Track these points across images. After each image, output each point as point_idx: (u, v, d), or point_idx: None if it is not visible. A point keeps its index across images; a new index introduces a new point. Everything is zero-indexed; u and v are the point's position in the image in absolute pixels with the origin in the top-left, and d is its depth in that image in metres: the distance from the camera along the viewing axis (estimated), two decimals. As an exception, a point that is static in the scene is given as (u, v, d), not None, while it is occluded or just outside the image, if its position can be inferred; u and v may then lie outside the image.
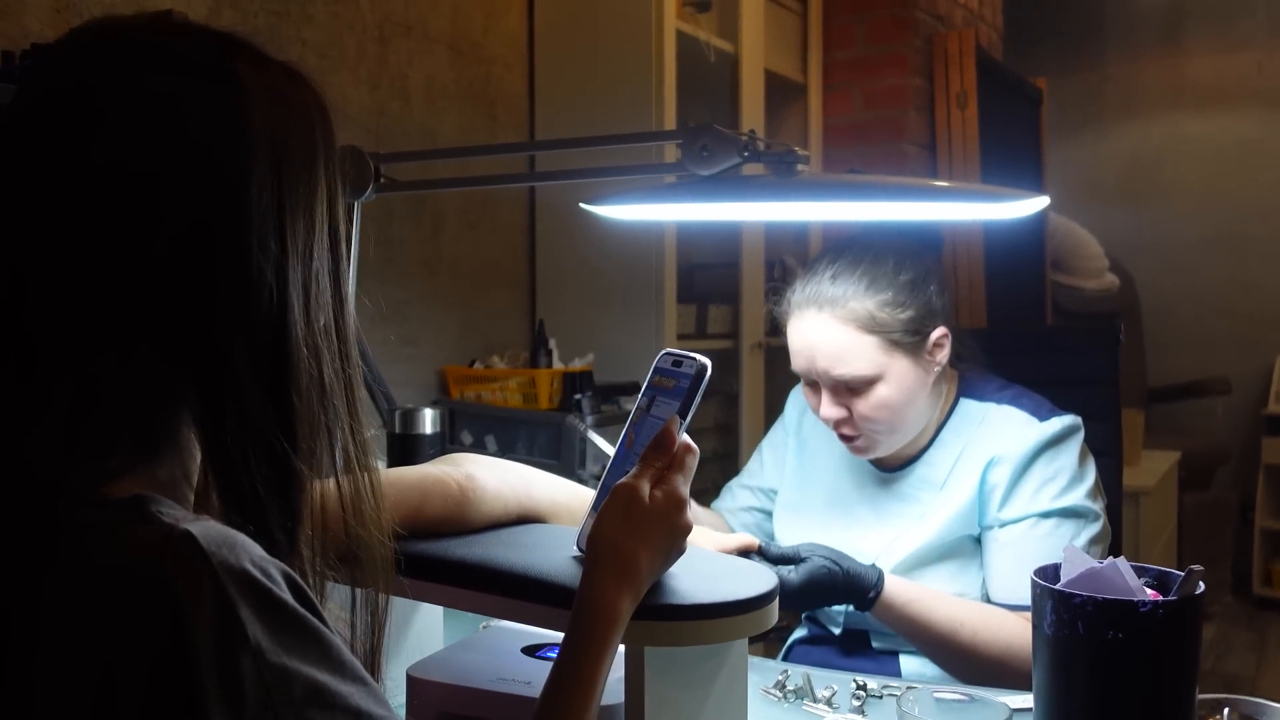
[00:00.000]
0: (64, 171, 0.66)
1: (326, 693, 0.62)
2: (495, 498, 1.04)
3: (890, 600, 1.34)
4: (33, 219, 0.66)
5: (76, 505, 0.63)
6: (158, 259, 0.66)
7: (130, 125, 0.66)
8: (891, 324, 1.40)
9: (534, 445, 2.22)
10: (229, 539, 0.61)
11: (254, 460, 0.68)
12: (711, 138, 1.23)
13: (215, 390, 0.68)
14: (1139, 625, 0.83)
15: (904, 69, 3.18)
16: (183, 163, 0.66)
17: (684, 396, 0.90)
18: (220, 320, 0.67)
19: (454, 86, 2.40)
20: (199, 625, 0.58)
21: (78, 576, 0.60)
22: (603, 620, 0.80)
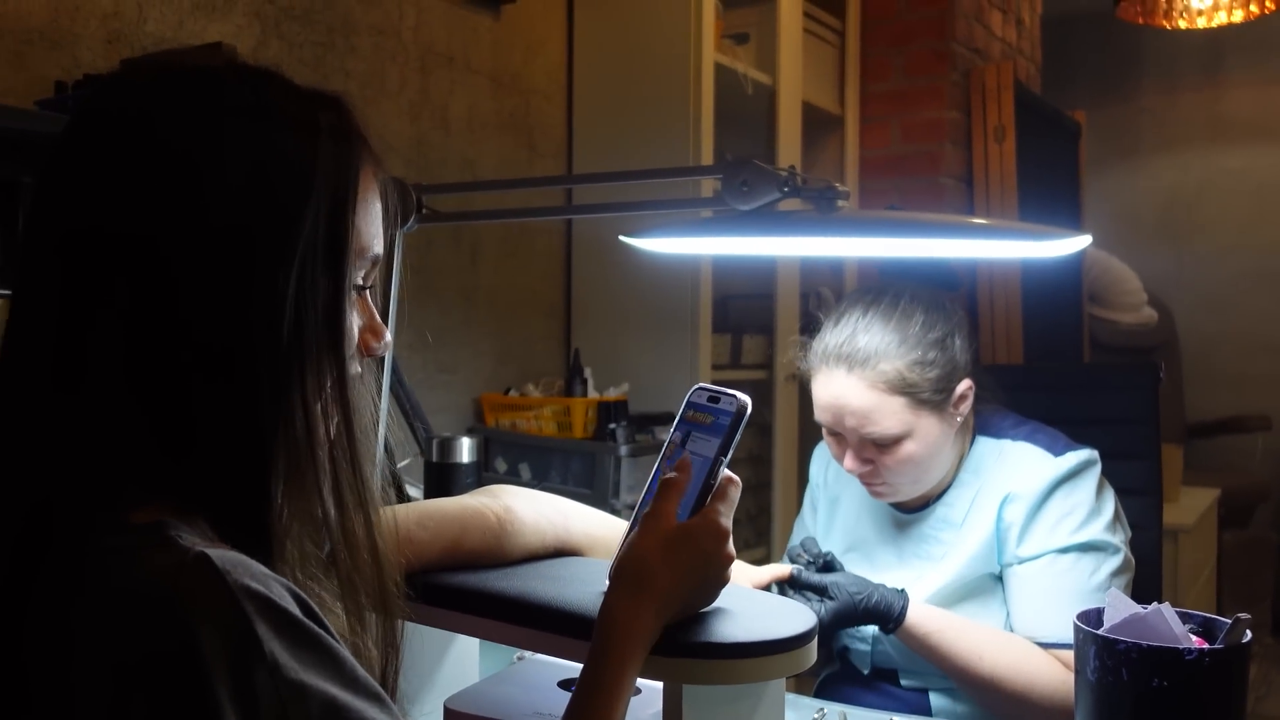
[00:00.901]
0: (121, 196, 0.67)
1: (342, 708, 0.62)
2: (533, 530, 1.05)
3: (912, 629, 1.35)
4: (90, 240, 0.67)
5: (102, 531, 0.64)
6: (203, 287, 0.67)
7: (186, 157, 0.67)
8: (920, 384, 1.40)
9: (568, 474, 2.23)
10: (241, 561, 0.62)
11: (231, 480, 0.68)
12: (751, 173, 1.23)
13: (219, 408, 0.68)
14: (1185, 673, 0.82)
15: (941, 102, 3.18)
16: (235, 190, 0.68)
17: (724, 434, 0.90)
18: (249, 344, 0.68)
19: (494, 117, 2.43)
20: (213, 642, 0.58)
21: (98, 601, 0.61)
22: (620, 636, 0.80)
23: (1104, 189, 4.58)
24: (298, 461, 0.70)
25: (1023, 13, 3.78)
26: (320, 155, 0.71)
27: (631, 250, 1.45)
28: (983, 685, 1.35)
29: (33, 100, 1.55)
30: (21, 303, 0.69)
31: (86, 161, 0.68)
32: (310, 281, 0.69)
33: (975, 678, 1.35)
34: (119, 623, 0.60)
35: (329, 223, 0.71)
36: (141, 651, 0.59)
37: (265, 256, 0.68)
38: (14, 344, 0.69)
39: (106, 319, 0.66)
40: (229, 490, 0.68)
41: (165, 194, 0.67)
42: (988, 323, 3.16)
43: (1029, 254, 1.16)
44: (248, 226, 0.68)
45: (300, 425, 0.70)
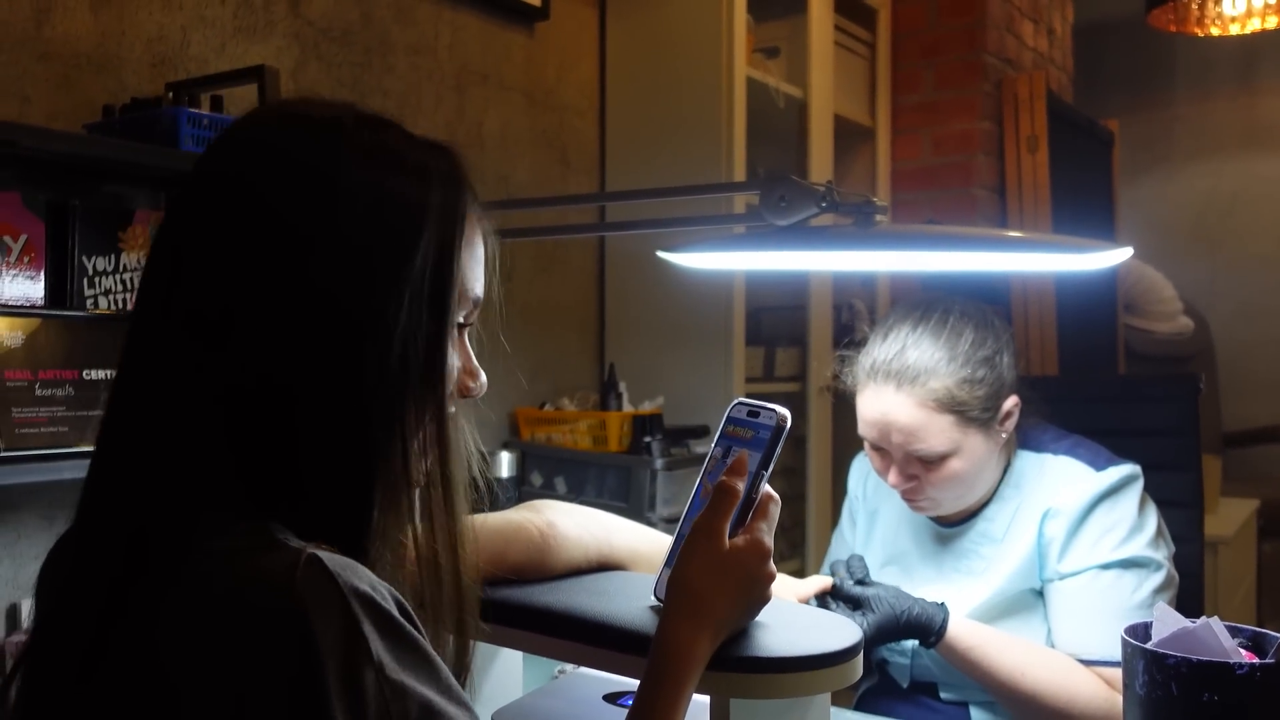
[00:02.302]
0: (247, 226, 0.70)
1: (437, 712, 0.64)
2: (576, 544, 1.06)
3: (954, 642, 1.35)
4: (214, 270, 0.70)
5: (207, 534, 0.66)
6: (318, 320, 0.70)
7: (310, 196, 0.71)
8: (969, 402, 1.39)
9: (603, 487, 2.24)
10: (349, 563, 0.64)
11: (334, 508, 0.71)
12: (789, 188, 1.24)
13: (327, 440, 0.70)
14: (1235, 688, 0.82)
15: (973, 113, 3.18)
16: (353, 227, 0.71)
17: (765, 448, 0.91)
18: (359, 376, 0.70)
19: (528, 134, 2.45)
20: (327, 641, 0.60)
21: (205, 602, 0.63)
22: (678, 661, 0.81)
23: (1138, 198, 4.54)
24: (395, 494, 0.73)
25: (1054, 22, 3.77)
26: (431, 198, 0.74)
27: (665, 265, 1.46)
28: (1024, 701, 1.35)
29: (81, 124, 1.58)
30: (141, 333, 0.73)
31: (218, 195, 0.72)
32: (417, 319, 0.72)
33: (1017, 694, 1.35)
34: (233, 618, 0.62)
35: (436, 264, 0.74)
36: (258, 646, 0.60)
37: (378, 292, 0.71)
38: (131, 370, 0.72)
39: (230, 345, 0.69)
40: (332, 517, 0.70)
41: (291, 228, 0.70)
42: (1022, 333, 3.15)
43: (1070, 268, 1.16)
44: (363, 263, 0.71)
45: (399, 459, 0.73)
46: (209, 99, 1.63)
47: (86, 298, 1.54)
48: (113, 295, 1.58)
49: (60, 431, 1.43)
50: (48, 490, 1.56)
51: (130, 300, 1.60)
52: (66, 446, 1.42)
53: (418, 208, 0.73)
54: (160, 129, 1.51)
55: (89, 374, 1.48)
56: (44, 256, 1.51)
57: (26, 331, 1.43)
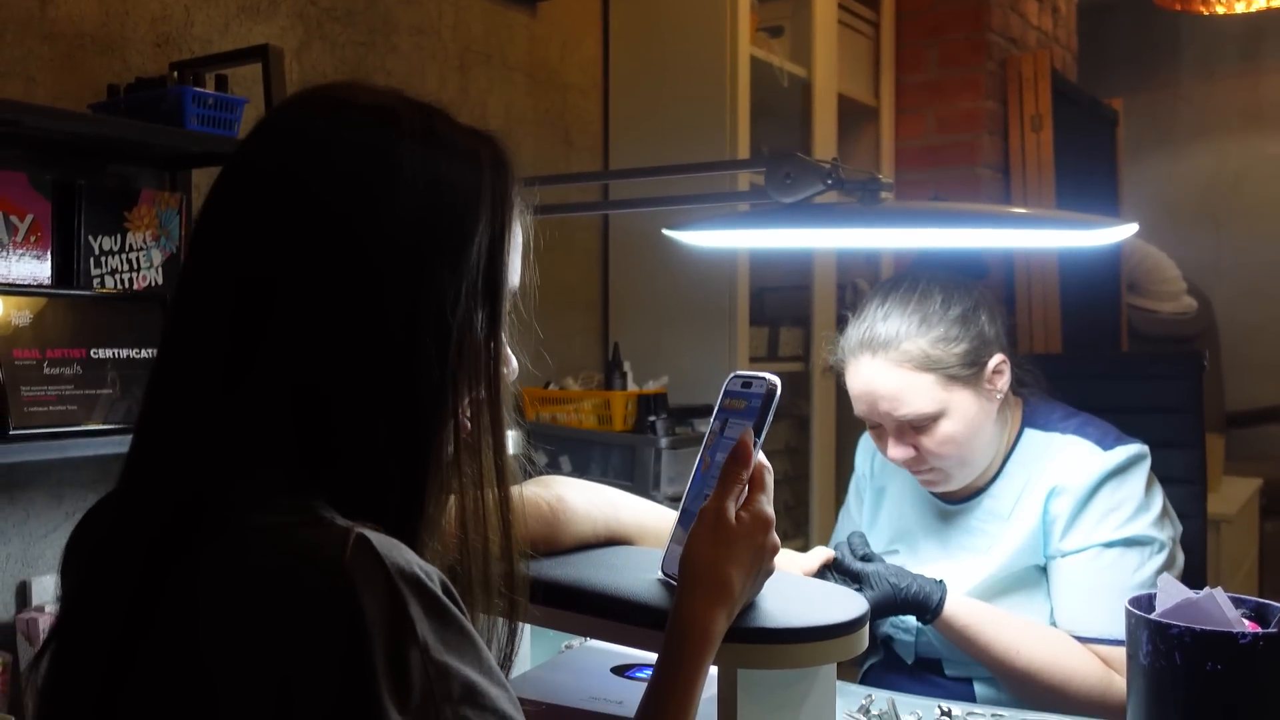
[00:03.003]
0: (303, 215, 0.70)
1: (480, 693, 0.64)
2: (585, 519, 1.07)
3: (950, 619, 1.36)
4: (269, 254, 0.70)
5: (250, 509, 0.66)
6: (379, 305, 0.70)
7: (365, 182, 0.71)
8: (947, 359, 1.40)
9: (608, 466, 2.24)
10: (396, 544, 0.65)
11: (388, 492, 0.71)
12: (795, 165, 1.24)
13: (385, 423, 0.70)
14: (1239, 657, 0.83)
15: (977, 92, 3.17)
16: (411, 213, 0.71)
17: (756, 416, 0.91)
18: (417, 362, 0.71)
19: (531, 113, 2.45)
20: (374, 619, 0.60)
21: (247, 577, 0.63)
22: (697, 640, 0.82)
23: (1142, 177, 4.53)
24: (446, 479, 0.74)
25: (1058, 1, 3.76)
26: (484, 190, 0.74)
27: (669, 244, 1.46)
28: (1020, 678, 1.36)
29: (86, 104, 1.58)
30: (190, 311, 0.72)
31: (270, 181, 0.72)
32: (474, 307, 0.73)
33: (1013, 671, 1.36)
34: (279, 594, 0.62)
35: (489, 258, 0.74)
36: (306, 624, 0.61)
37: (436, 285, 0.71)
38: (181, 346, 0.72)
39: (277, 329, 0.69)
40: (385, 501, 0.71)
41: (346, 215, 0.70)
42: (1025, 312, 3.15)
43: (1075, 244, 1.16)
44: (420, 257, 0.71)
45: (452, 436, 0.73)
46: (213, 78, 1.63)
47: (93, 277, 1.55)
48: (119, 275, 1.58)
49: (69, 410, 1.43)
50: (56, 469, 1.57)
51: (137, 280, 1.60)
52: (75, 425, 1.43)
53: (474, 196, 0.73)
54: (165, 108, 1.51)
55: (97, 353, 1.49)
56: (50, 236, 1.52)
57: (34, 311, 1.43)
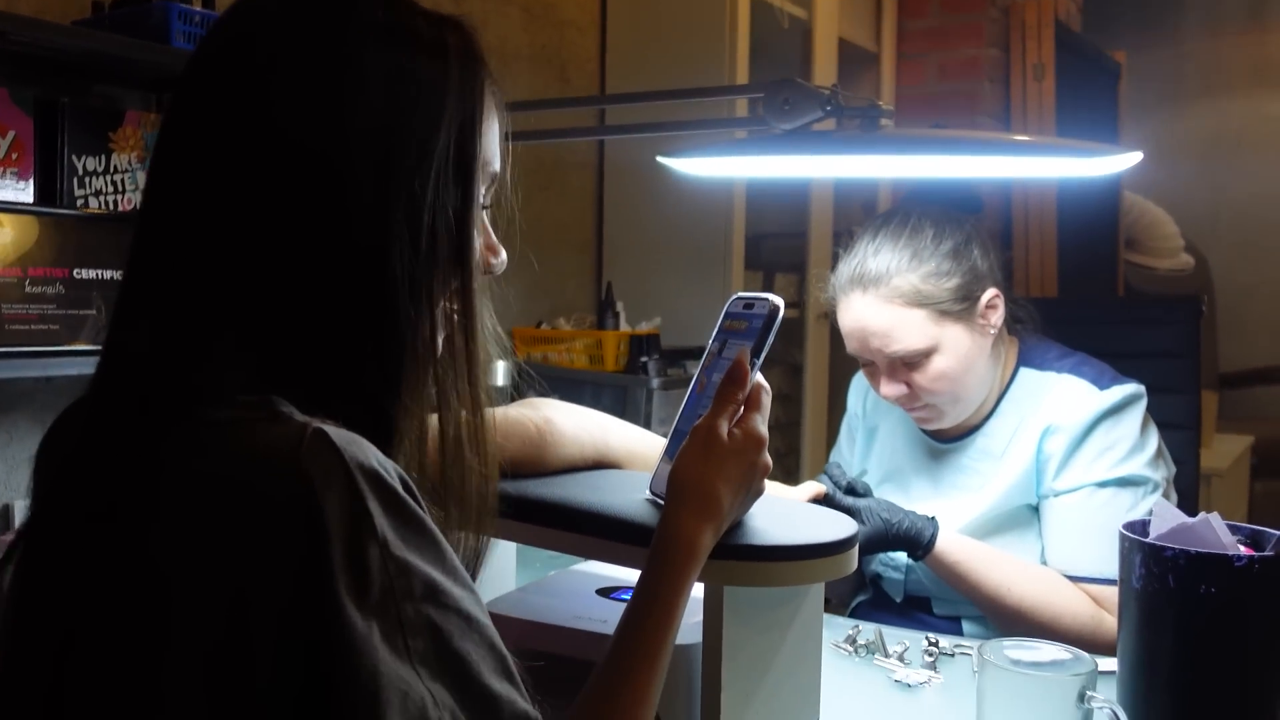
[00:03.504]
0: (265, 106, 0.68)
1: (442, 592, 0.63)
2: (573, 441, 1.05)
3: (941, 555, 1.35)
4: (233, 146, 0.68)
5: (206, 403, 0.64)
6: (348, 193, 0.68)
7: (326, 76, 0.69)
8: (938, 294, 1.38)
9: (599, 407, 2.22)
10: (355, 438, 0.63)
11: (360, 379, 0.69)
12: (794, 91, 1.21)
13: (357, 307, 0.69)
14: (1233, 580, 0.82)
15: (980, 39, 3.13)
16: (376, 107, 0.69)
17: (756, 336, 0.89)
18: (389, 247, 0.69)
19: (526, 49, 2.40)
20: (332, 515, 0.59)
21: (204, 475, 0.61)
22: (683, 553, 0.80)
23: (1142, 132, 4.49)
24: (419, 369, 0.72)
25: (1064, -51, 3.71)
26: (450, 75, 0.72)
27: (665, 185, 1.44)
28: (1010, 616, 1.35)
29: (70, 20, 1.54)
30: (153, 213, 0.71)
31: (227, 80, 0.70)
32: (445, 193, 0.71)
33: (1002, 608, 1.35)
34: (235, 494, 0.60)
35: (459, 139, 0.72)
36: (262, 524, 0.59)
37: (405, 169, 0.69)
38: (147, 252, 0.70)
39: (243, 220, 0.68)
40: (355, 395, 0.69)
41: (309, 109, 0.68)
42: (1022, 252, 3.13)
43: (1078, 173, 1.14)
44: (387, 141, 0.69)
45: (427, 330, 0.72)
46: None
47: (77, 198, 1.52)
48: (104, 196, 1.55)
49: (51, 329, 1.41)
50: (41, 392, 1.55)
51: (122, 201, 1.57)
52: (58, 344, 1.41)
53: (440, 84, 0.71)
54: (150, 25, 1.48)
55: (80, 273, 1.47)
56: (33, 155, 1.49)
57: (15, 229, 1.41)
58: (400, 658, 0.60)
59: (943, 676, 1.14)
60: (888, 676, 1.14)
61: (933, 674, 1.14)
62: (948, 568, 1.36)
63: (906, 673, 1.14)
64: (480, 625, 0.65)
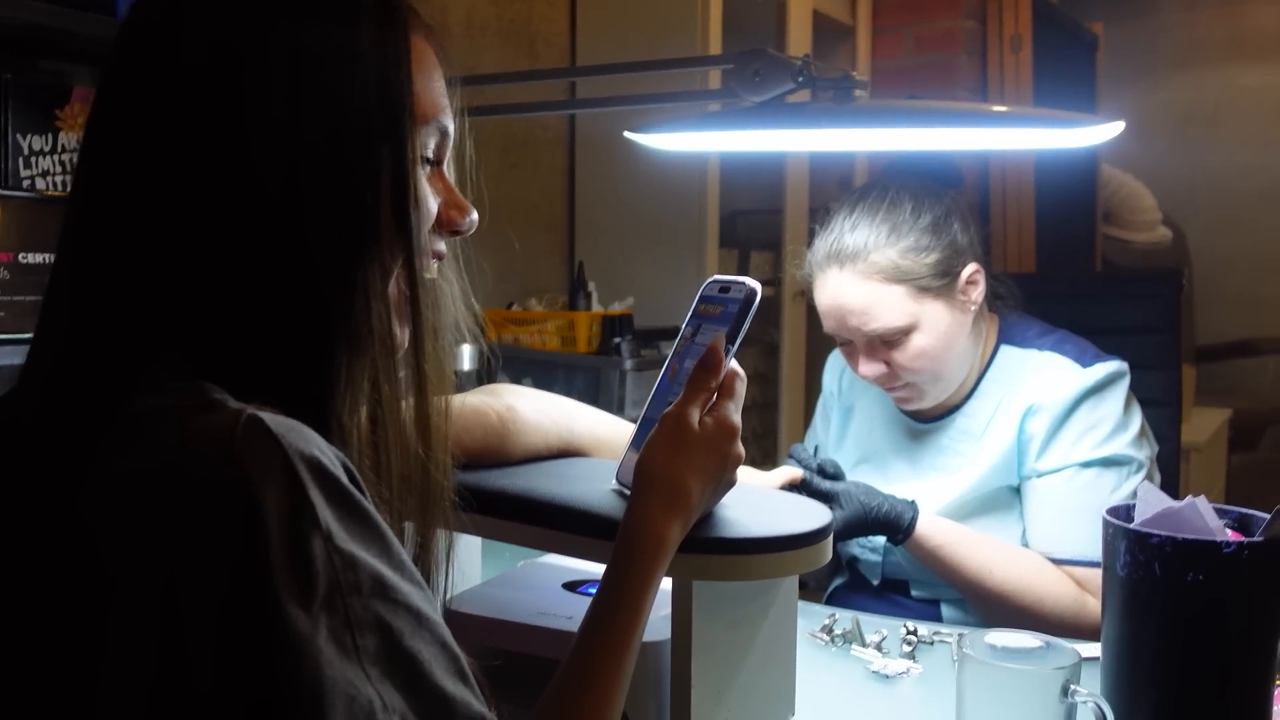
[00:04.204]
0: (174, 91, 0.64)
1: (390, 587, 0.59)
2: (536, 429, 1.01)
3: (921, 540, 1.32)
4: (148, 129, 0.65)
5: (135, 391, 0.61)
6: (262, 163, 0.64)
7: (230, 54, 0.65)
8: (918, 270, 1.35)
9: (572, 389, 2.19)
10: (294, 425, 0.59)
11: (290, 364, 0.65)
12: (765, 62, 1.18)
13: (281, 285, 0.65)
14: (1222, 567, 0.78)
15: (956, 11, 3.09)
16: (283, 78, 0.65)
17: (732, 321, 0.86)
18: (307, 217, 0.65)
19: (495, 23, 2.35)
20: (271, 507, 0.55)
21: (140, 463, 0.57)
22: (649, 547, 0.76)
23: (1119, 104, 4.46)
24: (360, 346, 0.67)
25: (1040, -81, 3.66)
26: (361, 34, 0.67)
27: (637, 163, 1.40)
28: (992, 600, 1.32)
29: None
30: (80, 199, 0.67)
31: (143, 59, 0.66)
32: (366, 154, 0.66)
33: (984, 592, 1.32)
34: (165, 485, 0.56)
35: (380, 90, 0.67)
36: (195, 517, 0.55)
37: (311, 129, 0.65)
38: (75, 237, 0.67)
39: (160, 206, 0.64)
40: (289, 378, 0.65)
41: (210, 73, 0.64)
42: (999, 232, 3.10)
43: (1057, 144, 1.10)
44: (290, 98, 0.64)
45: (362, 313, 0.66)
46: (150, -33, 1.53)
47: (23, 179, 1.46)
48: (51, 177, 1.49)
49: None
50: (-13, 381, 1.50)
51: (69, 182, 1.51)
52: (3, 332, 1.35)
53: (349, 23, 0.66)
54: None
55: (25, 257, 1.41)
56: (-25, 134, 1.43)
57: (-43, 211, 1.35)
58: (348, 657, 0.56)
59: (921, 666, 1.11)
60: (865, 667, 1.11)
61: (911, 664, 1.11)
62: (928, 551, 1.33)
63: (884, 663, 1.10)
64: (431, 623, 0.61)
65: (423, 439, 0.73)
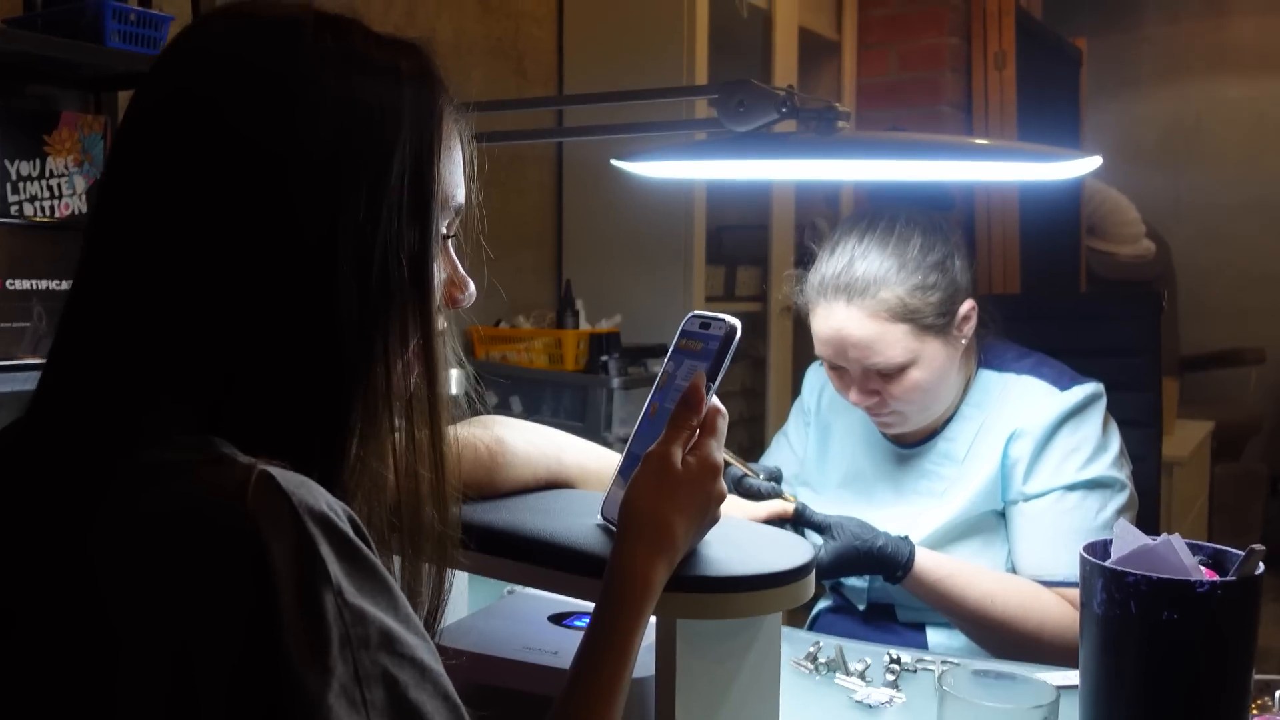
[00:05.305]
0: (207, 146, 0.65)
1: (398, 641, 0.60)
2: (524, 462, 1.02)
3: (921, 575, 1.31)
4: (178, 188, 0.66)
5: (143, 445, 0.61)
6: (291, 235, 0.65)
7: (272, 107, 0.66)
8: (923, 309, 1.36)
9: (559, 407, 2.20)
10: (304, 480, 0.60)
11: (305, 430, 0.67)
12: (748, 93, 1.18)
13: (302, 356, 0.66)
14: (1196, 606, 0.80)
15: (941, 28, 3.11)
16: (321, 140, 0.66)
17: (712, 359, 0.87)
18: (335, 293, 0.66)
19: (482, 41, 2.36)
20: (282, 563, 0.56)
21: (147, 519, 0.58)
22: (636, 590, 0.78)
23: (1103, 118, 4.50)
24: (374, 414, 0.69)
25: (1025, -64, 3.69)
26: (404, 103, 0.69)
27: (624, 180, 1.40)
28: (995, 629, 1.33)
29: (2, 19, 1.49)
30: (102, 240, 0.68)
31: (172, 113, 0.67)
32: (397, 232, 0.68)
33: (987, 622, 1.32)
34: (182, 542, 0.57)
35: (414, 172, 0.69)
36: (207, 571, 0.56)
37: (353, 206, 0.66)
38: (92, 277, 0.68)
39: (187, 259, 0.65)
40: (303, 440, 0.66)
41: (253, 140, 0.65)
42: (985, 252, 3.12)
43: (1037, 177, 1.11)
44: (335, 177, 0.66)
45: (381, 378, 0.69)
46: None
47: (10, 204, 1.47)
48: (39, 202, 1.50)
49: (-17, 344, 1.36)
50: (-25, 406, 1.50)
51: (59, 207, 1.52)
52: (-9, 360, 1.36)
53: (391, 114, 0.68)
54: (84, 24, 1.43)
55: (14, 284, 1.41)
56: (-37, 160, 1.43)
57: (-55, 239, 1.35)
58: (356, 712, 0.57)
59: (905, 695, 1.12)
60: (849, 696, 1.12)
61: (895, 693, 1.12)
62: (929, 586, 1.32)
63: (868, 691, 1.12)
64: (434, 675, 0.62)
65: (436, 505, 0.76)
